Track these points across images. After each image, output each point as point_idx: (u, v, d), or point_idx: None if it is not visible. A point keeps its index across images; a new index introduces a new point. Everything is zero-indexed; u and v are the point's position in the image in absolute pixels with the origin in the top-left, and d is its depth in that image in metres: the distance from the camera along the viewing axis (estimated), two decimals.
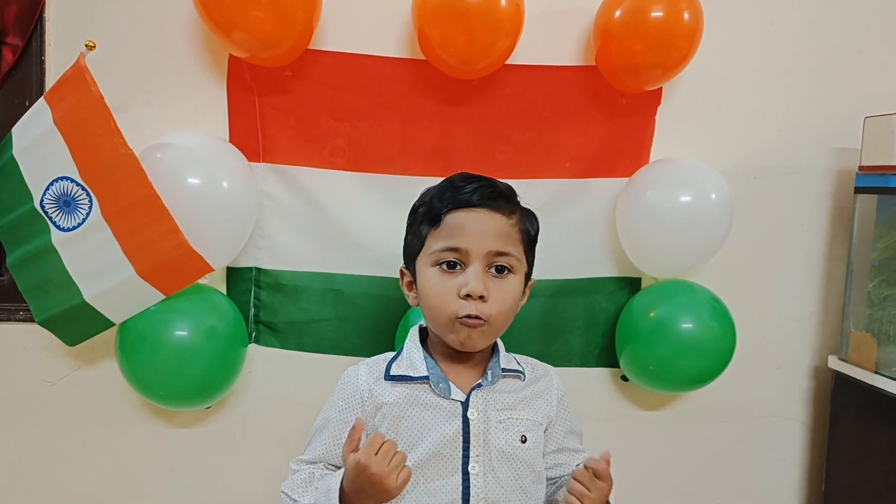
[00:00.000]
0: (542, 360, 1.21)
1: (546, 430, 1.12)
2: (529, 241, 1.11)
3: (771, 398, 1.70)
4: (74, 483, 1.59)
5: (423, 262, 1.07)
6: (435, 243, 1.04)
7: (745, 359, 1.59)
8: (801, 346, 1.70)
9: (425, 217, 1.07)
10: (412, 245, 1.10)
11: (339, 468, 1.05)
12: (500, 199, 1.06)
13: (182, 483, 1.60)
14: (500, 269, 1.05)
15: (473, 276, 1.01)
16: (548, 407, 1.12)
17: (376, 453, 0.93)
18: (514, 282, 1.06)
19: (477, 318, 1.02)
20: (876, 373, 1.48)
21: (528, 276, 1.12)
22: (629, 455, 1.66)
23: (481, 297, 1.01)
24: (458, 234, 1.03)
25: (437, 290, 1.03)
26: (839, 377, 1.59)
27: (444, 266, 1.04)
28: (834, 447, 1.62)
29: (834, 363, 1.60)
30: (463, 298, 1.01)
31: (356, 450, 0.94)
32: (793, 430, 1.72)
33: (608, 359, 1.62)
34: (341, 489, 0.97)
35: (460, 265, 1.03)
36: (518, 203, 1.10)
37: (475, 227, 1.03)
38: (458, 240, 1.03)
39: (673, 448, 1.69)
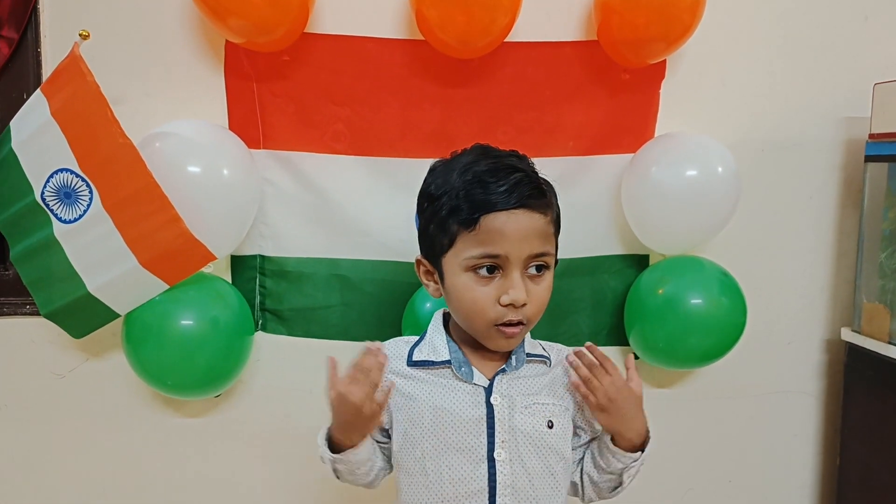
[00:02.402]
0: (550, 341, 1.18)
1: (578, 415, 1.10)
2: (559, 223, 1.06)
3: (783, 373, 1.69)
4: (85, 475, 1.60)
5: (453, 262, 1.01)
6: (470, 248, 0.98)
7: (756, 334, 1.57)
8: (813, 320, 1.68)
9: (454, 215, 0.98)
10: (437, 240, 1.02)
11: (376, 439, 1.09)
12: (537, 195, 0.99)
13: (193, 472, 1.61)
14: (539, 269, 1.01)
15: (515, 285, 0.97)
16: (571, 390, 1.08)
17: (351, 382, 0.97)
18: (549, 277, 1.03)
19: (518, 323, 0.99)
20: (890, 343, 1.47)
21: (556, 261, 1.07)
22: None
23: (523, 304, 0.98)
24: (498, 240, 0.97)
25: (475, 296, 0.99)
26: (852, 349, 1.57)
27: (483, 272, 0.99)
28: (848, 420, 1.60)
29: (847, 335, 1.58)
30: (504, 306, 0.98)
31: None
32: (806, 404, 1.71)
33: (617, 337, 1.61)
34: (329, 432, 1.04)
35: (498, 270, 0.99)
36: (544, 187, 1.02)
37: (515, 232, 0.97)
38: (497, 246, 0.97)
39: (684, 425, 1.68)
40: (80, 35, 1.28)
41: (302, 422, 1.59)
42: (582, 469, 1.11)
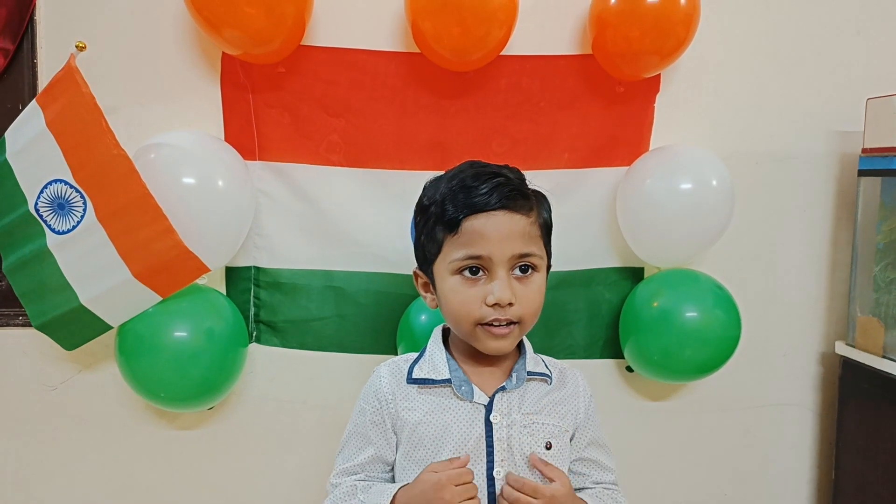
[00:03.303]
0: (545, 354, 1.19)
1: (572, 437, 1.10)
2: (548, 229, 1.08)
3: (778, 386, 1.68)
4: (77, 488, 1.59)
5: (441, 268, 1.03)
6: (454, 251, 1.00)
7: (751, 347, 1.58)
8: (808, 333, 1.68)
9: (440, 221, 1.02)
10: (428, 249, 1.05)
11: (380, 479, 1.06)
12: (518, 197, 1.01)
13: (186, 484, 1.59)
14: (524, 269, 1.02)
15: (499, 285, 0.98)
16: (574, 413, 1.09)
17: (458, 484, 0.95)
18: (538, 279, 1.03)
19: (507, 324, 1.00)
20: (884, 357, 1.46)
21: (548, 266, 1.09)
22: (635, 446, 1.65)
23: (509, 304, 0.99)
24: (479, 241, 0.98)
25: (461, 298, 1.00)
26: (847, 363, 1.57)
27: (467, 273, 1.00)
28: (843, 433, 1.60)
29: (841, 349, 1.58)
30: (490, 307, 0.99)
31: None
32: (801, 417, 1.70)
33: (612, 350, 1.61)
34: (395, 499, 0.99)
35: (483, 271, 1.00)
36: (531, 194, 1.05)
37: (496, 233, 0.98)
38: (479, 247, 0.99)
39: (679, 438, 1.67)
40: (76, 46, 1.28)
41: (296, 434, 1.58)
42: None
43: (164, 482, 1.59)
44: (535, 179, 1.47)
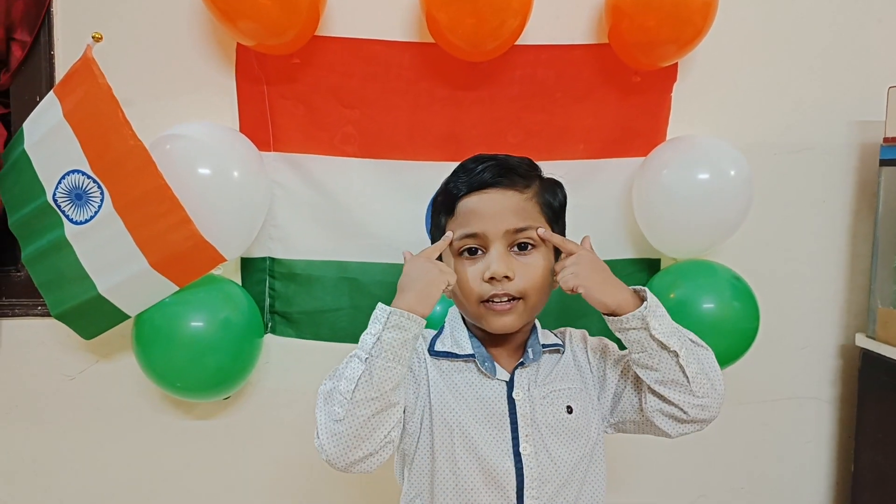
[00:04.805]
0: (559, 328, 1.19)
1: (600, 391, 1.09)
2: (553, 212, 1.07)
3: (796, 378, 1.67)
4: (94, 476, 1.60)
5: (447, 253, 1.05)
6: (454, 233, 1.03)
7: (769, 339, 1.55)
8: (827, 325, 1.66)
9: (442, 206, 1.05)
10: (436, 237, 1.08)
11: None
12: (513, 174, 1.02)
13: (201, 474, 1.61)
14: (523, 246, 1.02)
15: (495, 258, 0.99)
16: (584, 368, 1.09)
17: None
18: (539, 256, 1.03)
19: (508, 300, 1.00)
20: None
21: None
22: (651, 439, 1.62)
23: (506, 277, 0.99)
24: (473, 219, 1.01)
25: (463, 277, 1.02)
26: (867, 355, 1.55)
27: (466, 253, 1.02)
28: (862, 426, 1.58)
29: (861, 341, 1.56)
30: (488, 282, 0.99)
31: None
32: (819, 410, 1.69)
33: None
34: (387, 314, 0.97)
35: (481, 250, 1.01)
36: (534, 175, 1.06)
37: (489, 209, 1.00)
38: (473, 224, 1.01)
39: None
40: (92, 37, 1.29)
41: (311, 424, 1.58)
42: (647, 389, 1.06)
43: (180, 471, 1.61)
44: (551, 170, 1.46)
